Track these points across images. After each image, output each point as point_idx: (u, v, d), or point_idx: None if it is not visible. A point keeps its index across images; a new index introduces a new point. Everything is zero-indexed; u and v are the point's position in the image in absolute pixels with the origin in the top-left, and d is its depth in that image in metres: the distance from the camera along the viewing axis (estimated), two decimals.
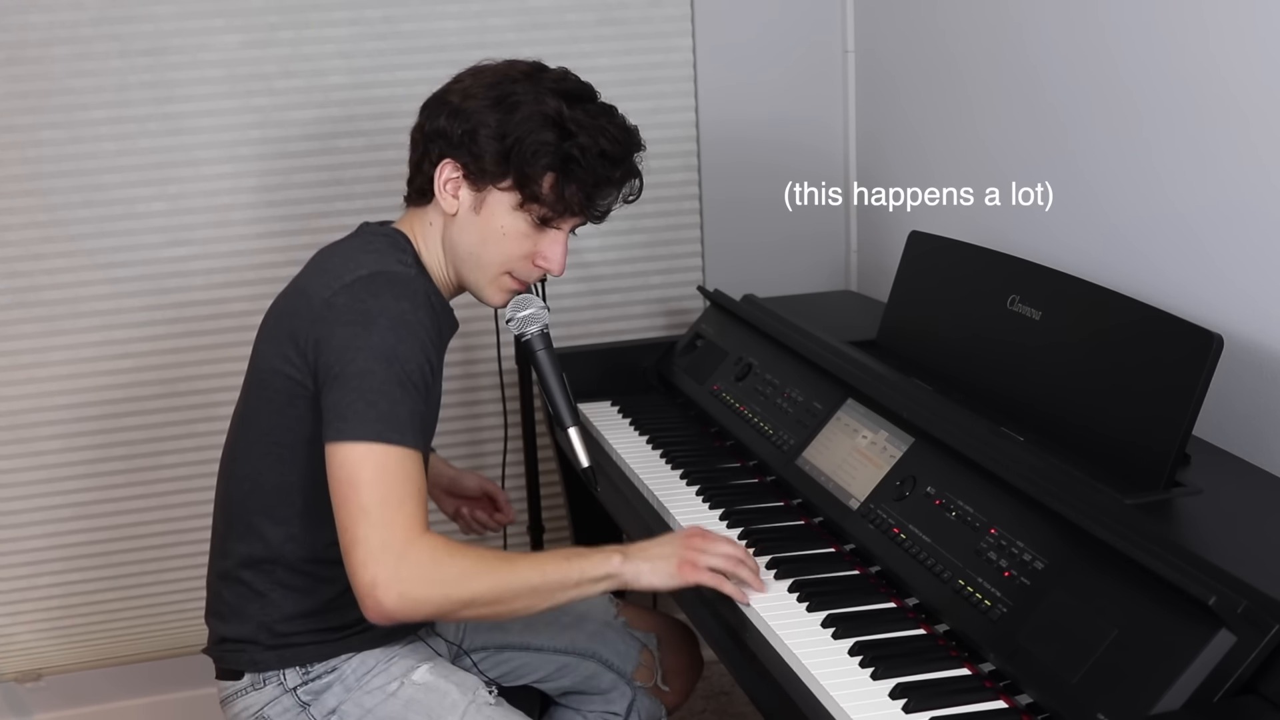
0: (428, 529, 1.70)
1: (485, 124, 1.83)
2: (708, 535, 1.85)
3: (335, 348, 1.74)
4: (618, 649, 2.20)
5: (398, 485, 1.69)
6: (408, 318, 1.75)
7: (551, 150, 1.82)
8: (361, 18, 2.82)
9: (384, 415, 1.70)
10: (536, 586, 1.74)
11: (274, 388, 1.84)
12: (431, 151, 1.87)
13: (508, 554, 1.78)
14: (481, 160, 1.83)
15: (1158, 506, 1.66)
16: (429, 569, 1.67)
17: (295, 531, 1.88)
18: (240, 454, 1.92)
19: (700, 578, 1.79)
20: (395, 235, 1.91)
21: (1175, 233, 2.03)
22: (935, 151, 2.72)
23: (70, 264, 2.80)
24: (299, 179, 2.87)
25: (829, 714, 1.56)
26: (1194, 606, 1.38)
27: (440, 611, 1.72)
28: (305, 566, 1.90)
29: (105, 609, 2.98)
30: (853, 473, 2.01)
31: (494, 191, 1.85)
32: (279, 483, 1.87)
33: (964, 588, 1.67)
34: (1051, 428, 1.90)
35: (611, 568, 1.78)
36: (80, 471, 2.89)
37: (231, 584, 1.92)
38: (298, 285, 1.89)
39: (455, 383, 3.00)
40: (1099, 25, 2.16)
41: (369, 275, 1.79)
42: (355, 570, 1.67)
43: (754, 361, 2.45)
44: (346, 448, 1.70)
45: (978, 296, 2.15)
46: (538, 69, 1.90)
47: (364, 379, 1.71)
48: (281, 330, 1.84)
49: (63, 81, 2.72)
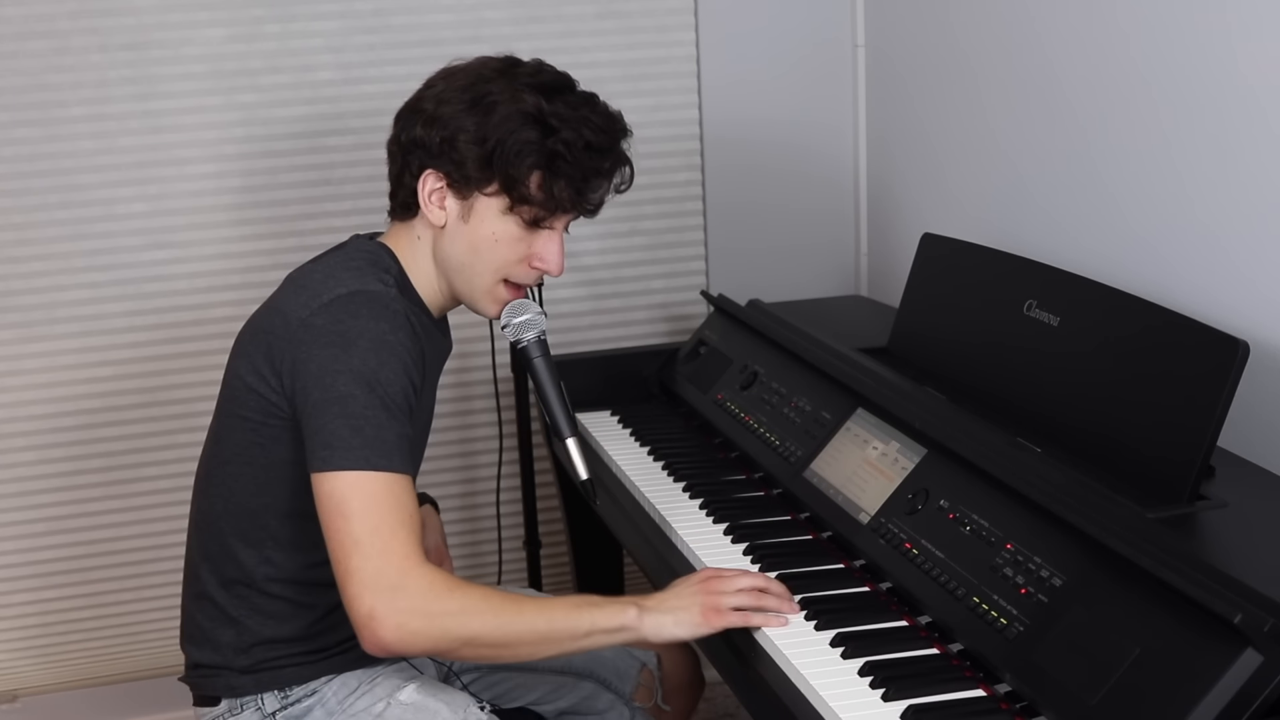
0: (424, 559, 1.70)
1: (463, 129, 1.82)
2: (722, 574, 1.85)
3: (314, 372, 1.74)
4: (616, 668, 2.20)
5: (389, 514, 1.69)
6: (388, 339, 1.75)
7: (535, 148, 1.82)
8: (351, 11, 2.83)
9: (370, 441, 1.70)
10: (543, 633, 1.74)
11: (249, 407, 1.84)
12: (411, 163, 1.87)
13: (514, 595, 1.77)
14: (464, 167, 1.83)
15: (1181, 520, 1.66)
16: (427, 602, 1.67)
17: (271, 554, 1.89)
18: (213, 473, 1.92)
19: (728, 620, 1.78)
20: (379, 252, 1.91)
21: (1198, 235, 2.03)
22: (949, 149, 2.73)
23: (47, 268, 2.80)
24: (286, 179, 2.87)
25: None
26: (1219, 625, 1.38)
27: (439, 648, 1.71)
28: (282, 591, 1.90)
29: (83, 627, 2.98)
30: (863, 485, 2.01)
31: (480, 197, 1.85)
32: (253, 504, 1.88)
33: (979, 605, 1.67)
34: (1070, 438, 1.90)
35: (627, 620, 1.77)
36: (56, 484, 2.89)
37: (205, 606, 1.93)
38: (275, 302, 1.88)
39: (448, 391, 3.00)
40: (1118, 20, 2.16)
41: (348, 294, 1.79)
42: (351, 602, 1.67)
43: (760, 369, 2.45)
44: (334, 477, 1.70)
45: (993, 301, 2.15)
46: (510, 64, 1.89)
47: (346, 404, 1.71)
48: (257, 348, 1.84)
49: (39, 77, 2.73)
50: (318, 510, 1.72)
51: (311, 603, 1.90)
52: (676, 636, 1.80)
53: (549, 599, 1.80)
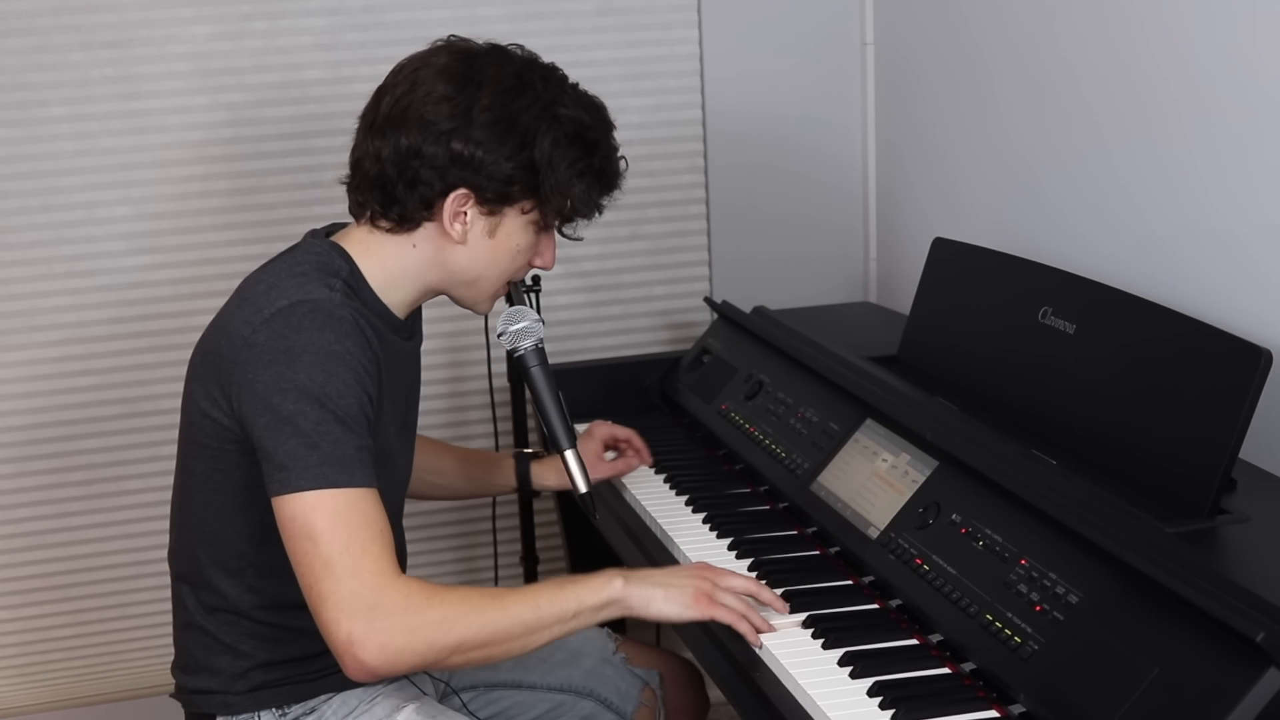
0: (399, 572, 1.69)
1: (506, 154, 1.79)
2: (720, 570, 1.86)
3: (260, 393, 1.72)
4: (617, 687, 2.20)
5: (358, 530, 1.67)
6: (334, 349, 1.73)
7: (583, 167, 1.83)
8: (341, 7, 2.83)
9: (327, 457, 1.69)
10: (530, 623, 1.73)
11: (205, 433, 1.83)
12: (429, 179, 1.80)
13: (494, 590, 1.77)
14: (507, 187, 1.80)
15: (1202, 535, 1.66)
16: (408, 616, 1.66)
17: (253, 582, 1.88)
18: (184, 504, 1.92)
19: (717, 612, 1.79)
20: (330, 253, 1.85)
21: (1219, 239, 2.03)
22: (961, 150, 2.73)
23: (26, 273, 2.81)
24: (274, 181, 2.88)
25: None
26: (1240, 643, 1.38)
27: (426, 661, 1.70)
28: (271, 618, 1.90)
29: (64, 646, 2.99)
30: (872, 499, 2.01)
31: (510, 212, 1.84)
32: (226, 533, 1.87)
33: (992, 623, 1.67)
34: (1086, 450, 1.90)
35: (613, 592, 1.77)
36: (36, 498, 2.90)
37: (196, 635, 1.92)
38: (221, 318, 1.86)
39: (441, 401, 3.01)
40: (1137, 17, 2.17)
41: (289, 306, 1.75)
42: (328, 629, 1.66)
43: (765, 379, 2.45)
44: (294, 499, 1.68)
45: (1007, 308, 2.15)
46: (501, 57, 1.84)
47: (297, 422, 1.69)
48: (208, 371, 1.83)
49: (19, 76, 2.73)
50: (282, 535, 1.70)
51: (301, 627, 1.89)
52: (664, 613, 1.79)
53: (530, 586, 1.78)
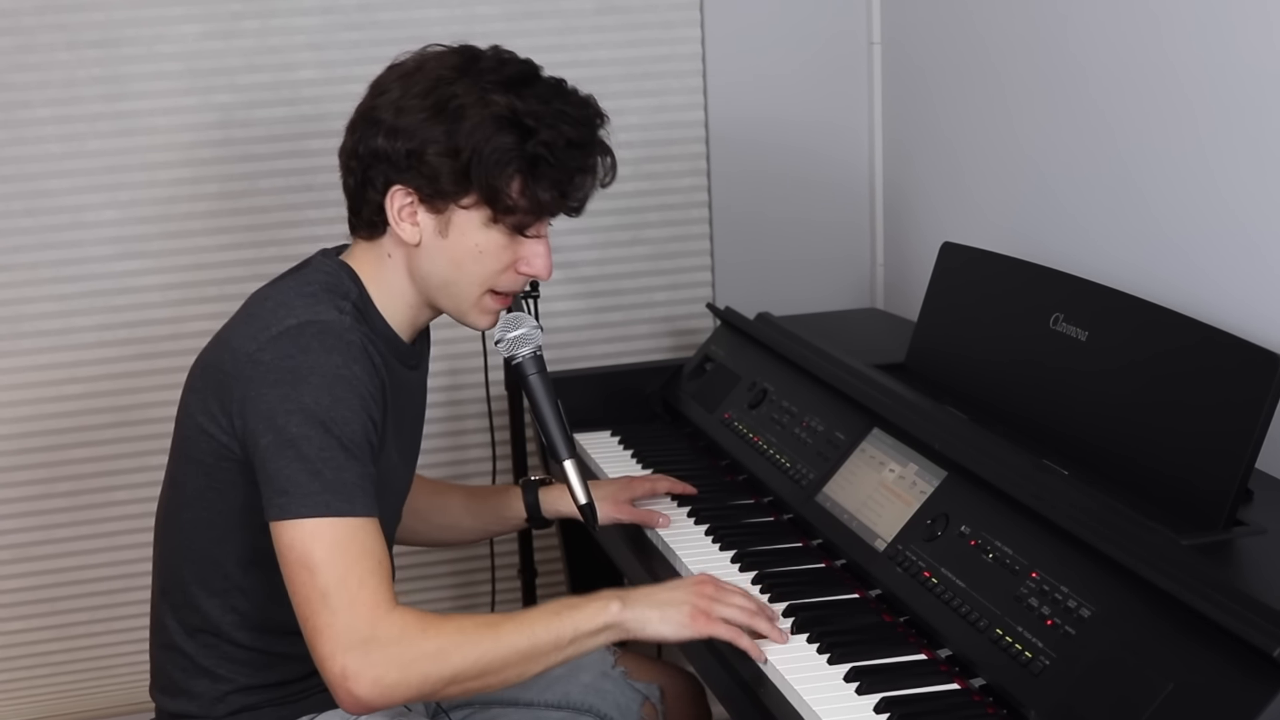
0: (395, 604, 1.69)
1: (431, 140, 1.78)
2: (720, 583, 1.86)
3: (264, 412, 1.72)
4: (617, 702, 2.19)
5: (356, 562, 1.68)
6: (341, 373, 1.73)
7: (514, 154, 1.79)
8: (335, 6, 2.84)
9: (330, 485, 1.69)
10: (525, 652, 1.73)
11: (201, 449, 1.83)
12: (373, 177, 1.83)
13: (490, 618, 1.76)
14: (437, 180, 1.79)
15: (1217, 548, 1.67)
16: (402, 649, 1.66)
17: (236, 603, 1.88)
18: (170, 519, 1.92)
19: (715, 629, 1.79)
20: (339, 274, 1.87)
21: (1235, 243, 2.04)
22: (970, 153, 2.73)
23: (11, 279, 2.81)
24: (265, 184, 2.88)
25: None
26: (1257, 658, 1.38)
27: (421, 693, 1.70)
28: (253, 641, 1.90)
29: (50, 661, 2.98)
30: (879, 510, 2.02)
31: (458, 210, 1.82)
32: (214, 552, 1.87)
33: (1002, 637, 1.67)
34: (1099, 461, 1.91)
35: (610, 616, 1.77)
36: (21, 509, 2.90)
37: (175, 657, 1.92)
38: (225, 333, 1.86)
39: (438, 410, 3.01)
40: (1150, 16, 2.17)
41: (297, 326, 1.76)
42: (323, 662, 1.66)
43: (769, 387, 2.45)
44: (293, 526, 1.68)
45: (1017, 315, 2.15)
46: (468, 59, 1.84)
47: (300, 446, 1.69)
48: (208, 385, 1.82)
49: (3, 76, 2.74)
50: (279, 561, 1.70)
51: (284, 652, 1.89)
52: (661, 635, 1.80)
53: (525, 612, 1.78)
